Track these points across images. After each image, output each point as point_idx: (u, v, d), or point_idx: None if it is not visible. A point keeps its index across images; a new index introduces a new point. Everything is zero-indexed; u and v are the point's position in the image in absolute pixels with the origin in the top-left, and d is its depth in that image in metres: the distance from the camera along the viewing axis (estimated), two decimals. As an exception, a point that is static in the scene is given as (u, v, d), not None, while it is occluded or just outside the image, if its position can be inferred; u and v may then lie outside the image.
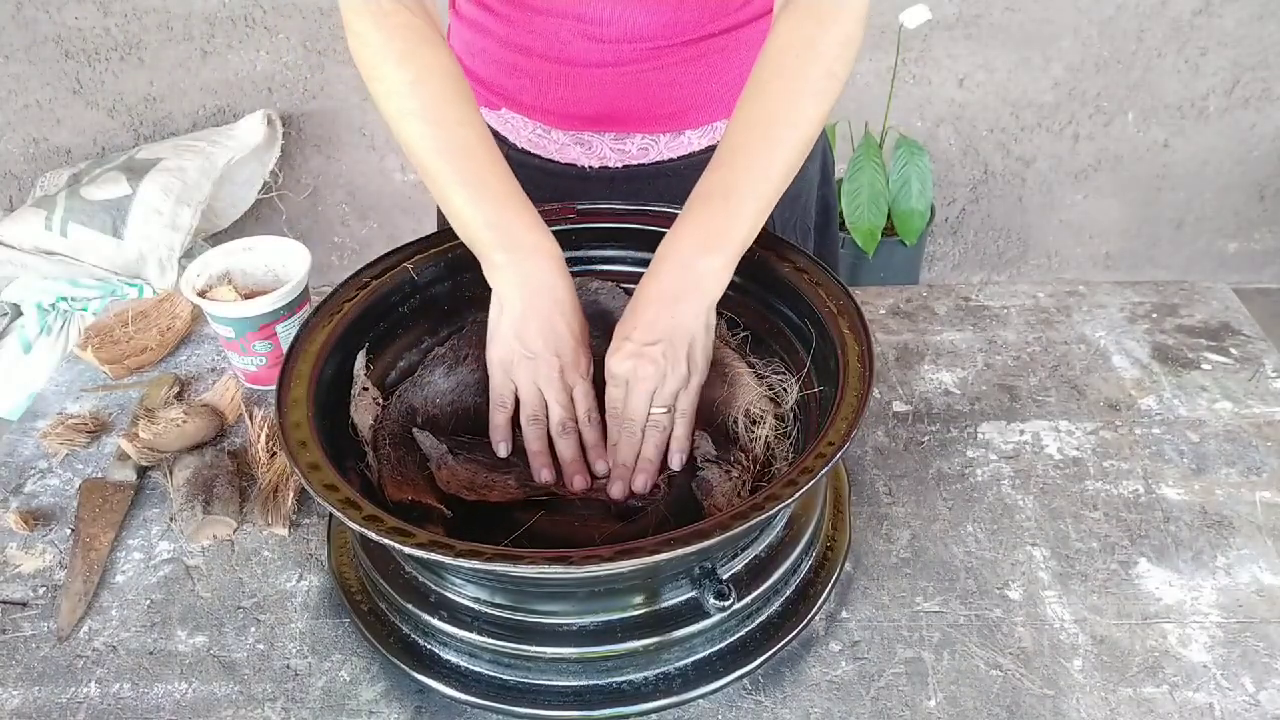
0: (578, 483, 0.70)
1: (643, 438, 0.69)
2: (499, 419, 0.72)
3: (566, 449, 0.70)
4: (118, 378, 0.93)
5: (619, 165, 0.92)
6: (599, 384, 0.72)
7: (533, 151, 0.94)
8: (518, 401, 0.71)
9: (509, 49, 0.88)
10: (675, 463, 0.70)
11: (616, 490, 0.69)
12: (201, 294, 0.86)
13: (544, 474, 0.70)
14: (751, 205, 0.69)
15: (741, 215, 0.68)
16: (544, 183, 0.94)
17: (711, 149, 0.92)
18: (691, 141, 0.92)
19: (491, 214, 0.70)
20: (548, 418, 0.71)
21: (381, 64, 0.72)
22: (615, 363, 0.68)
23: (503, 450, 0.71)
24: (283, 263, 0.90)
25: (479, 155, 0.71)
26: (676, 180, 0.93)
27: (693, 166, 0.92)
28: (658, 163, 0.92)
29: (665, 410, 0.69)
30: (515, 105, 0.92)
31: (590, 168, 0.93)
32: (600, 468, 0.71)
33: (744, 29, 0.87)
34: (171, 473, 0.80)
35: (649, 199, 0.80)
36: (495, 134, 0.95)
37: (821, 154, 1.04)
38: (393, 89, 0.71)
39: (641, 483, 0.68)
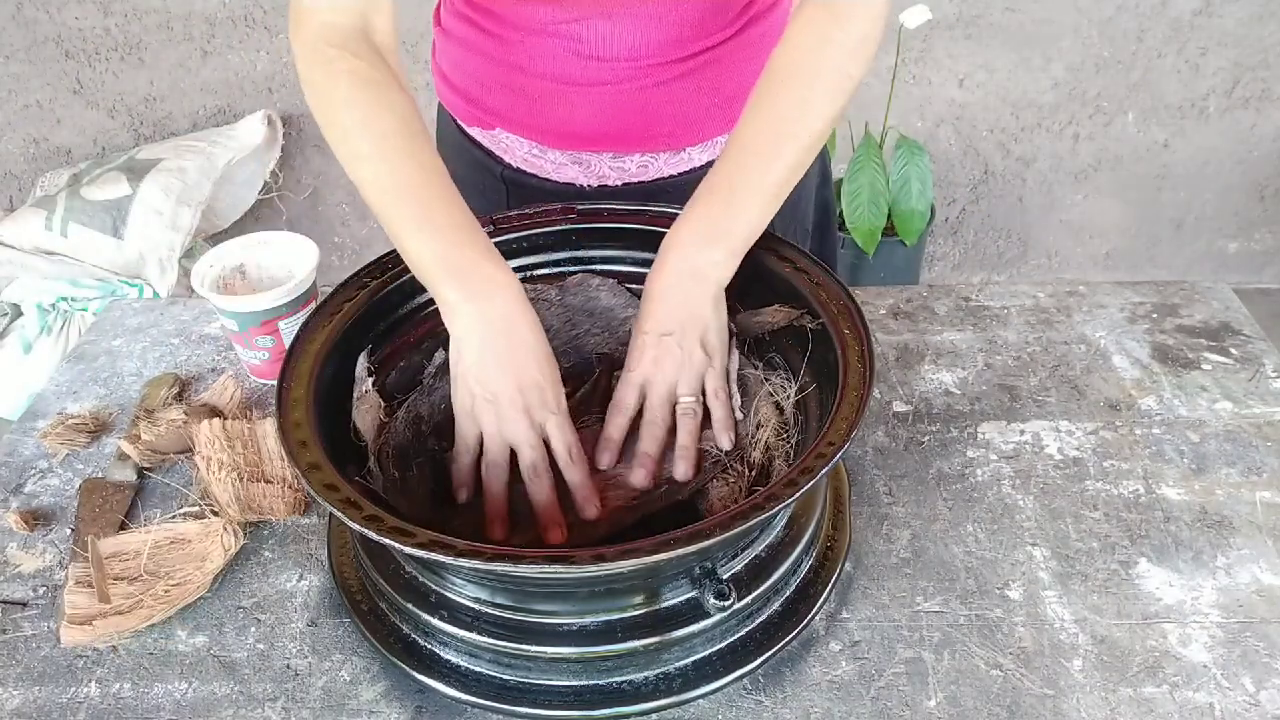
0: (554, 534, 0.63)
1: (676, 427, 0.67)
2: (462, 462, 0.67)
3: (540, 493, 0.64)
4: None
5: (618, 183, 0.91)
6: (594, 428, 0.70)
7: (529, 171, 0.92)
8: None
9: (503, 68, 0.87)
10: (724, 442, 0.68)
11: (639, 477, 0.66)
12: (215, 284, 0.88)
13: (496, 528, 0.64)
14: (756, 200, 0.68)
15: (746, 209, 0.68)
16: (540, 202, 0.93)
17: (713, 164, 0.92)
18: (693, 158, 0.91)
19: (441, 248, 0.66)
20: (516, 464, 0.66)
21: (329, 108, 0.70)
22: (634, 360, 0.68)
23: (463, 495, 0.67)
24: (295, 259, 0.91)
25: (428, 190, 0.68)
26: (676, 195, 0.91)
27: (693, 182, 0.91)
28: (657, 180, 0.91)
29: (693, 398, 0.68)
30: (510, 125, 0.90)
31: (588, 186, 0.91)
32: (590, 511, 0.65)
33: (740, 37, 0.86)
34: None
35: None
36: (489, 154, 0.94)
37: (820, 155, 1.03)
38: (343, 134, 0.69)
39: (683, 470, 0.66)
